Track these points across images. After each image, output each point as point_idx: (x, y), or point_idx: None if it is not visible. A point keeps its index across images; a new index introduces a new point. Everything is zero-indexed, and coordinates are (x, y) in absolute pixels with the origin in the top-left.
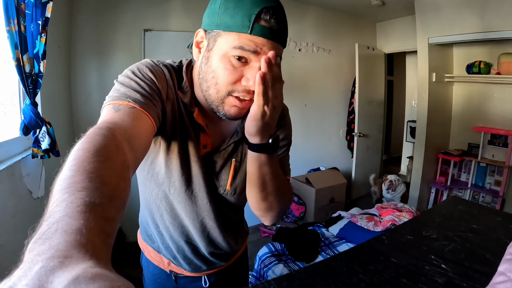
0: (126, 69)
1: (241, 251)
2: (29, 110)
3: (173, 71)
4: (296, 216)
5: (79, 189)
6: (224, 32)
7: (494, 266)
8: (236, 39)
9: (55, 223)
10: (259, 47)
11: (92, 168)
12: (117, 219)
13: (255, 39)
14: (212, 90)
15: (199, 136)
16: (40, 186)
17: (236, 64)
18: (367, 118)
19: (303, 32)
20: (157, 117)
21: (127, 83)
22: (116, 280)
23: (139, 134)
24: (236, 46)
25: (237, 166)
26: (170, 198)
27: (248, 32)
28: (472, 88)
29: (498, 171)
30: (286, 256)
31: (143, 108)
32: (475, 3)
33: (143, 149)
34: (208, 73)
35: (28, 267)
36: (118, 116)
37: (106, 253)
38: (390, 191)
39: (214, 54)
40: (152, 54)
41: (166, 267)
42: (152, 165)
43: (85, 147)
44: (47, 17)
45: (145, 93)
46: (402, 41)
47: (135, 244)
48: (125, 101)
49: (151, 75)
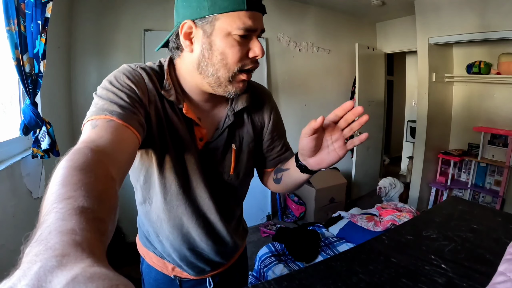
0: (104, 79)
1: (241, 250)
2: (29, 110)
3: (152, 73)
4: (296, 216)
5: (66, 197)
6: (221, 14)
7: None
8: (236, 18)
9: (48, 227)
10: (257, 23)
11: (76, 180)
12: (108, 221)
13: (252, 15)
14: (222, 72)
15: (193, 130)
16: (40, 186)
17: (241, 41)
18: None
19: (303, 32)
20: (140, 126)
21: (105, 95)
22: (115, 279)
23: (119, 147)
24: (238, 25)
25: (237, 151)
26: (168, 206)
27: (244, 8)
28: (472, 88)
29: (498, 171)
30: (286, 256)
31: (122, 120)
32: (475, 3)
33: (126, 161)
34: (214, 57)
35: (27, 267)
36: (95, 133)
37: (102, 250)
38: (384, 198)
39: (216, 37)
40: (152, 54)
41: (170, 272)
42: (147, 175)
43: (66, 165)
44: (47, 17)
45: (123, 104)
46: (402, 41)
47: (135, 244)
48: (102, 115)
49: (129, 82)
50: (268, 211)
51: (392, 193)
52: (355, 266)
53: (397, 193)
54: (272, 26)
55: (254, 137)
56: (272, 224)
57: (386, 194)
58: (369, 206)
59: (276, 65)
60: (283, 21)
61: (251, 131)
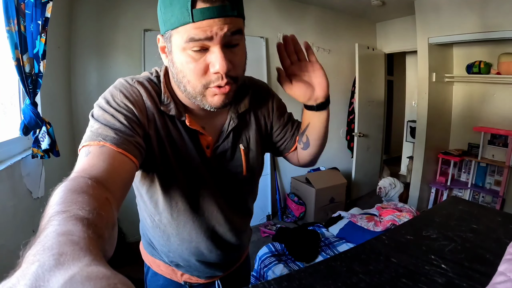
0: (101, 97)
1: (247, 249)
2: (29, 110)
3: (150, 87)
4: (296, 216)
5: (62, 211)
6: (173, 30)
7: (494, 266)
8: (184, 33)
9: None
10: (208, 31)
11: (72, 199)
12: (104, 229)
13: (200, 25)
14: (189, 88)
15: (199, 140)
16: (40, 186)
17: (196, 56)
18: (367, 118)
19: (303, 32)
20: (137, 149)
21: (101, 117)
22: (113, 277)
23: (113, 175)
24: (186, 39)
25: (246, 152)
26: (175, 222)
27: (190, 21)
28: (472, 88)
29: (498, 171)
30: (286, 256)
31: (116, 145)
32: (475, 3)
33: (121, 187)
34: (178, 74)
35: (25, 267)
36: (88, 161)
37: (99, 249)
38: (383, 198)
39: (174, 54)
40: (152, 54)
41: (180, 279)
42: (149, 193)
43: (61, 190)
44: (47, 17)
45: (119, 126)
46: (402, 41)
47: (135, 244)
48: (96, 141)
49: (127, 102)
50: (268, 211)
51: (392, 193)
52: (355, 266)
53: (397, 193)
54: (272, 26)
55: (261, 135)
56: (272, 224)
57: (386, 194)
58: (369, 206)
59: (276, 65)
60: (283, 21)
61: (257, 129)
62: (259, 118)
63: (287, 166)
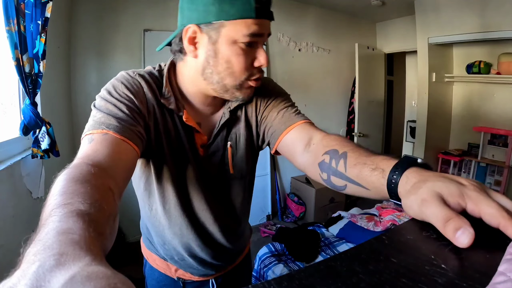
0: (103, 88)
1: (246, 251)
2: (28, 110)
3: (151, 80)
4: (296, 216)
5: (63, 204)
6: (227, 21)
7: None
8: (244, 26)
9: (46, 229)
10: (264, 29)
11: (73, 190)
12: (105, 224)
13: (260, 22)
14: (228, 80)
15: (194, 138)
16: (40, 186)
17: (247, 50)
18: (367, 118)
19: (303, 32)
20: (138, 137)
21: (103, 107)
22: (113, 277)
23: (116, 161)
24: (246, 33)
25: (233, 151)
26: (167, 214)
27: (253, 16)
28: (472, 88)
29: (498, 171)
30: (286, 256)
31: (119, 133)
32: (475, 3)
33: (123, 174)
34: (219, 65)
35: (26, 267)
36: (91, 148)
37: (100, 248)
38: None
39: (222, 45)
40: (152, 54)
41: (174, 274)
42: (147, 183)
43: (63, 178)
44: (47, 17)
45: (122, 115)
46: (402, 41)
47: (135, 244)
48: (99, 129)
49: (128, 92)
50: (268, 211)
51: None
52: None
53: None
54: (272, 26)
55: (249, 131)
56: (272, 224)
57: None
58: (369, 206)
59: (276, 65)
60: (283, 21)
61: (245, 125)
62: (248, 114)
63: (287, 166)
